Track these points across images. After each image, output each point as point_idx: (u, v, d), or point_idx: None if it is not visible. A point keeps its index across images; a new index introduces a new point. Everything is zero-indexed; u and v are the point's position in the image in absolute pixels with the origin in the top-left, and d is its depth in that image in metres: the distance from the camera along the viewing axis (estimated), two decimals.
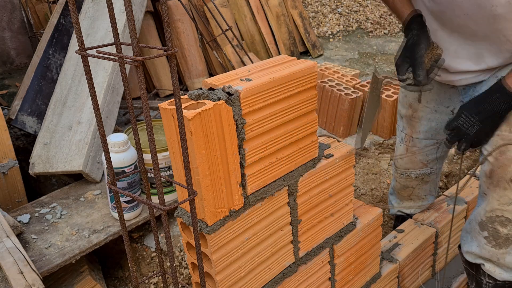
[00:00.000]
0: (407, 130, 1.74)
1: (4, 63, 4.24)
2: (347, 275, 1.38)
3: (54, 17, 2.81)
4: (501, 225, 1.43)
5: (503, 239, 1.44)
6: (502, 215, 1.42)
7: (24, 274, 1.48)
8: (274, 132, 1.01)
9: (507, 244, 1.44)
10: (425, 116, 1.67)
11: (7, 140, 2.10)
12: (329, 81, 2.93)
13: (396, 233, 1.83)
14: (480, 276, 1.56)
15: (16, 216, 1.95)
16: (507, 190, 1.40)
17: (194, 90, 0.92)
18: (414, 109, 1.69)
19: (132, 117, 0.80)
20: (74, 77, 2.47)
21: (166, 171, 1.93)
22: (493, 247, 1.46)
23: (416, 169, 1.78)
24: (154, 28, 3.54)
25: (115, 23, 0.74)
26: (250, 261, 1.06)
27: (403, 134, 1.77)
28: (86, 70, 0.74)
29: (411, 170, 1.80)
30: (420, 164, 1.76)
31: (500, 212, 1.42)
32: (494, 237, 1.45)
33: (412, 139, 1.72)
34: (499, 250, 1.46)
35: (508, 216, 1.42)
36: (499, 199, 1.42)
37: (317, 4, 5.67)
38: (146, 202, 0.79)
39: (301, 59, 1.07)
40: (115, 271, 2.13)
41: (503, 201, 1.41)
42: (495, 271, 1.49)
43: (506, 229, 1.43)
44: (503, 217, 1.43)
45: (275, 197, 1.07)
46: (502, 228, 1.43)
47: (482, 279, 1.56)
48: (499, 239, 1.45)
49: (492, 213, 1.44)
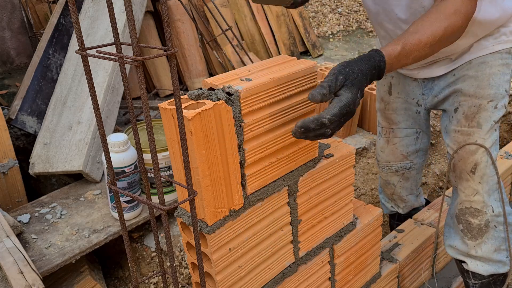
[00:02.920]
0: (383, 123, 1.77)
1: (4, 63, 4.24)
2: (347, 275, 1.38)
3: (54, 17, 2.81)
4: (472, 216, 1.47)
5: (477, 230, 1.47)
6: (470, 206, 1.47)
7: (24, 274, 1.48)
8: (274, 132, 1.01)
9: (481, 234, 1.48)
10: (400, 106, 1.69)
11: (7, 140, 2.10)
12: None
13: (396, 233, 1.83)
14: (466, 279, 1.58)
15: (16, 216, 1.95)
16: (470, 181, 1.44)
17: (194, 90, 0.92)
18: (385, 102, 1.71)
19: (132, 117, 0.80)
20: (74, 77, 2.47)
21: (166, 171, 1.93)
22: (469, 239, 1.50)
23: (397, 161, 1.80)
24: (154, 28, 3.54)
25: (115, 23, 0.74)
26: (250, 261, 1.06)
27: (380, 128, 1.80)
28: (86, 70, 0.74)
29: (392, 163, 1.81)
30: (401, 156, 1.78)
31: (468, 203, 1.47)
32: (468, 229, 1.49)
33: (393, 130, 1.74)
34: (475, 241, 1.49)
35: (477, 207, 1.46)
36: (464, 191, 1.47)
37: (317, 4, 5.67)
38: (146, 202, 0.79)
39: (301, 59, 1.07)
40: (115, 271, 2.13)
41: (468, 193, 1.46)
42: (477, 265, 1.52)
43: (477, 219, 1.46)
44: (471, 208, 1.46)
45: (275, 197, 1.07)
46: (473, 219, 1.47)
47: (468, 282, 1.58)
48: (473, 230, 1.48)
49: (462, 205, 1.49)
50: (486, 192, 1.44)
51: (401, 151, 1.77)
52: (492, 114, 1.40)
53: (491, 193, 1.44)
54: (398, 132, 1.73)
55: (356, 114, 2.81)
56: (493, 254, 1.48)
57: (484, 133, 1.40)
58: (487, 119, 1.40)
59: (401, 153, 1.77)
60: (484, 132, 1.40)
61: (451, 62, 1.45)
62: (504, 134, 3.33)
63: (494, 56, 1.39)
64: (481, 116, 1.40)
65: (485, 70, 1.39)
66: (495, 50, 1.39)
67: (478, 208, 1.45)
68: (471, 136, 1.42)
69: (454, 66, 1.45)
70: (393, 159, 1.80)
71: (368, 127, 2.92)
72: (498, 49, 1.39)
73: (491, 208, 1.45)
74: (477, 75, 1.40)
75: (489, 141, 1.41)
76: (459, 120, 1.44)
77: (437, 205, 1.99)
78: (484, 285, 1.55)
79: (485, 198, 1.44)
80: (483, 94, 1.39)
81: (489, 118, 1.40)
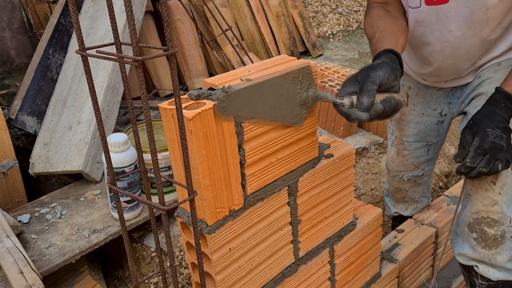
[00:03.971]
0: (396, 133, 1.74)
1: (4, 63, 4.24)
2: (347, 275, 1.38)
3: (54, 17, 2.81)
4: (488, 226, 1.41)
5: (492, 240, 1.42)
6: (487, 216, 1.41)
7: (24, 274, 1.48)
8: (274, 132, 1.01)
9: (496, 244, 1.43)
10: (412, 120, 1.67)
11: (7, 140, 2.10)
12: (329, 81, 2.93)
13: (396, 233, 1.83)
14: (473, 278, 1.55)
15: (16, 216, 1.95)
16: (489, 192, 1.38)
17: (194, 90, 0.92)
18: (402, 112, 1.68)
19: (132, 117, 0.80)
20: (74, 77, 2.47)
21: (166, 171, 1.93)
22: (483, 248, 1.44)
23: (408, 171, 1.78)
24: (154, 28, 3.54)
25: (115, 23, 0.74)
26: (250, 261, 1.06)
27: (393, 137, 1.77)
28: (86, 70, 0.74)
29: (403, 173, 1.80)
30: (412, 166, 1.76)
31: (486, 213, 1.41)
32: (482, 238, 1.44)
33: (402, 142, 1.72)
34: (490, 251, 1.44)
35: (494, 217, 1.40)
36: (482, 201, 1.40)
37: (317, 4, 5.67)
38: (146, 202, 0.79)
39: (301, 59, 1.07)
40: (115, 271, 2.13)
41: (486, 203, 1.40)
42: (489, 271, 1.48)
43: (493, 229, 1.41)
44: (488, 218, 1.41)
45: (275, 197, 1.07)
46: (489, 229, 1.41)
47: (475, 281, 1.54)
48: (488, 240, 1.43)
49: (478, 215, 1.42)
50: (505, 202, 1.39)
51: (412, 162, 1.75)
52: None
53: (510, 204, 1.39)
54: (407, 145, 1.72)
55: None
56: (507, 264, 1.45)
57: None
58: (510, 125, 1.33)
59: (412, 164, 1.76)
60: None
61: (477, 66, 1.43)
62: None
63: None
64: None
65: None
66: None
67: (495, 218, 1.40)
68: None
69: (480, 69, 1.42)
70: (404, 169, 1.78)
71: (368, 127, 2.92)
72: None
73: (509, 219, 1.40)
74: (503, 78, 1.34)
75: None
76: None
77: (437, 205, 1.99)
78: (491, 287, 1.53)
79: (504, 209, 1.39)
80: None
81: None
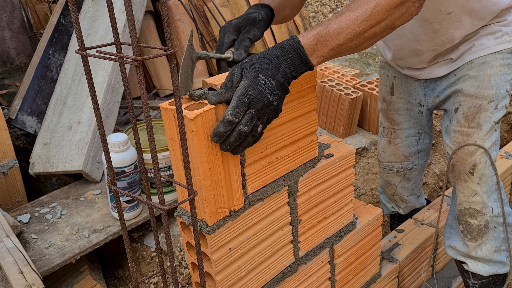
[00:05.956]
0: (385, 123, 1.77)
1: (4, 63, 4.24)
2: (347, 275, 1.38)
3: (54, 16, 2.81)
4: (471, 217, 1.47)
5: (476, 231, 1.48)
6: (470, 207, 1.47)
7: (24, 274, 1.48)
8: (274, 132, 1.01)
9: (480, 235, 1.48)
10: (402, 107, 1.69)
11: (7, 139, 2.10)
12: (329, 81, 2.93)
13: (396, 233, 1.83)
14: (466, 279, 1.58)
15: (16, 216, 1.95)
16: (468, 182, 1.44)
17: (196, 90, 0.92)
18: (388, 102, 1.72)
19: (132, 117, 0.80)
20: (74, 77, 2.47)
21: (166, 171, 1.93)
22: (469, 240, 1.50)
23: (399, 162, 1.80)
24: (154, 28, 3.54)
25: (115, 23, 0.74)
26: (250, 261, 1.06)
27: (382, 128, 1.80)
28: (86, 70, 0.74)
29: (393, 164, 1.82)
30: (402, 156, 1.78)
31: (467, 204, 1.47)
32: (468, 230, 1.49)
33: (395, 130, 1.75)
34: (475, 243, 1.49)
35: (476, 207, 1.46)
36: (463, 192, 1.47)
37: (317, 4, 5.67)
38: (146, 202, 0.79)
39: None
40: (115, 271, 2.13)
41: (467, 193, 1.46)
42: (477, 266, 1.52)
43: (477, 220, 1.46)
44: (471, 209, 1.47)
45: (275, 197, 1.07)
46: (472, 220, 1.47)
47: (468, 282, 1.58)
48: (473, 231, 1.48)
49: (461, 206, 1.49)
50: (485, 192, 1.43)
51: (402, 152, 1.77)
52: (492, 114, 1.39)
53: (490, 194, 1.44)
54: (400, 132, 1.73)
55: (356, 114, 2.81)
56: (493, 255, 1.48)
57: (484, 133, 1.40)
58: (487, 119, 1.39)
59: (402, 153, 1.77)
60: (484, 132, 1.40)
61: (453, 63, 1.45)
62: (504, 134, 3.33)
63: (495, 56, 1.38)
64: (481, 116, 1.40)
65: (486, 70, 1.38)
66: (497, 50, 1.38)
67: (477, 209, 1.45)
68: (470, 136, 1.41)
69: (455, 67, 1.45)
70: (394, 159, 1.80)
71: (368, 127, 2.92)
72: (499, 49, 1.38)
73: (490, 208, 1.45)
74: (478, 75, 1.39)
75: (489, 141, 1.40)
76: (459, 121, 1.44)
77: (437, 205, 1.99)
78: (484, 285, 1.55)
79: (484, 199, 1.44)
80: (483, 95, 1.39)
81: (489, 119, 1.39)
